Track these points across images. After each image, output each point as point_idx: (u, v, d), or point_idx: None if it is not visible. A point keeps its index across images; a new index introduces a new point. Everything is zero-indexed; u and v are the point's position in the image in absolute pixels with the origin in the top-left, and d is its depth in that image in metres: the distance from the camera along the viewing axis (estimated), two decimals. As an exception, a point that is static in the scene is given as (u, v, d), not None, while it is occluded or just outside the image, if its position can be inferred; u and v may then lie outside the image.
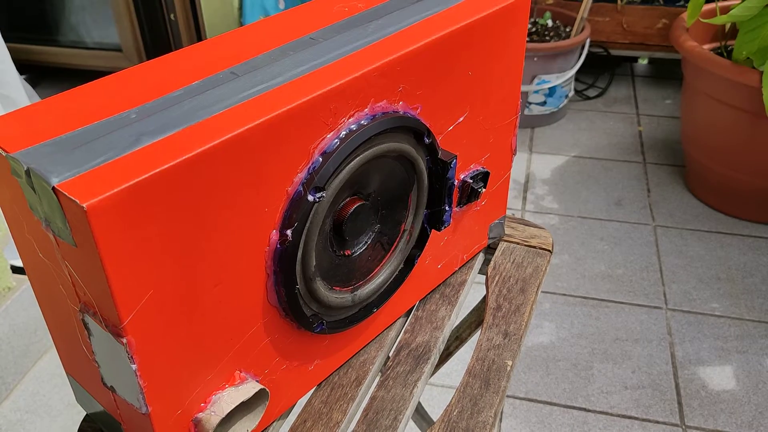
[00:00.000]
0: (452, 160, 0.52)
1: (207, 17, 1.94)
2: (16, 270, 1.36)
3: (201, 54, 0.48)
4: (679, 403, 1.21)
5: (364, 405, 0.56)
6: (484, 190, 0.60)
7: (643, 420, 1.19)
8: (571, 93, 2.08)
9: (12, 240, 1.45)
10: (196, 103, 0.41)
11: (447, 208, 0.55)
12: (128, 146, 0.37)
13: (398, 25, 0.50)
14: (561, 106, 2.03)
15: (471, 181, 0.58)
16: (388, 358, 0.60)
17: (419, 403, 0.93)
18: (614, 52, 2.15)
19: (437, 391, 1.26)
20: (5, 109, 1.54)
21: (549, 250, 0.71)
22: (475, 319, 0.75)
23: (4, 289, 1.27)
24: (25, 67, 2.06)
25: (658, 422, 1.19)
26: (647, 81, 2.27)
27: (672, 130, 1.99)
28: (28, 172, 0.36)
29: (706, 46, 1.64)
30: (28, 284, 1.31)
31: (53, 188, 0.34)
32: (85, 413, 0.54)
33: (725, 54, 1.59)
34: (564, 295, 1.45)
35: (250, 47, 0.49)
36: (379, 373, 0.59)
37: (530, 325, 1.39)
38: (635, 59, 2.33)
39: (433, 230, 0.58)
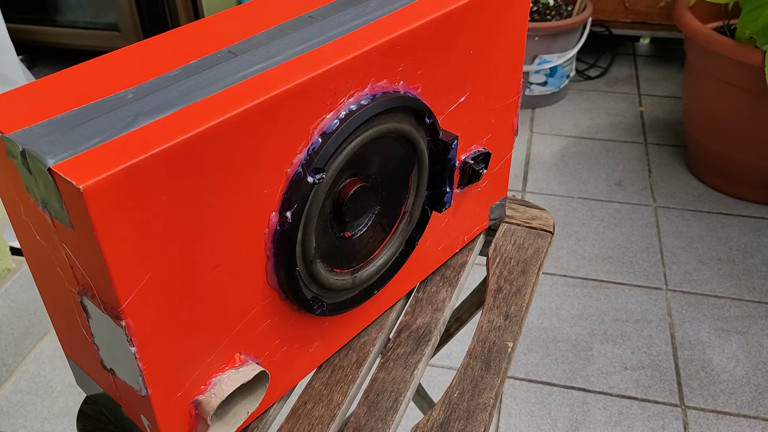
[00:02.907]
0: (453, 141, 0.52)
1: (205, -4, 1.92)
2: (15, 252, 1.36)
3: (198, 33, 0.47)
4: (679, 384, 1.22)
5: (364, 386, 0.56)
6: (485, 171, 0.59)
7: (643, 400, 1.20)
8: (573, 73, 2.06)
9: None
10: (193, 82, 0.41)
11: (448, 189, 0.54)
12: (125, 127, 0.36)
13: (399, 3, 0.49)
14: (562, 86, 2.02)
15: (472, 162, 0.58)
16: (389, 339, 0.60)
17: (419, 384, 0.93)
18: (616, 31, 2.14)
19: (437, 372, 1.26)
20: (1, 89, 1.53)
21: (550, 232, 0.71)
22: (476, 300, 0.75)
23: (3, 271, 1.27)
24: (21, 47, 2.04)
25: (657, 402, 1.19)
26: (649, 61, 2.25)
27: (674, 110, 1.98)
28: (23, 153, 0.36)
29: (709, 25, 1.63)
30: (27, 266, 1.31)
31: (49, 169, 0.34)
32: (85, 395, 0.54)
33: (728, 33, 1.58)
34: (564, 276, 1.45)
35: (248, 26, 0.48)
36: (380, 355, 0.59)
37: (530, 307, 1.39)
38: (637, 38, 2.32)
39: (433, 212, 0.57)
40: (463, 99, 0.54)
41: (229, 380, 0.43)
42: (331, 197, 0.47)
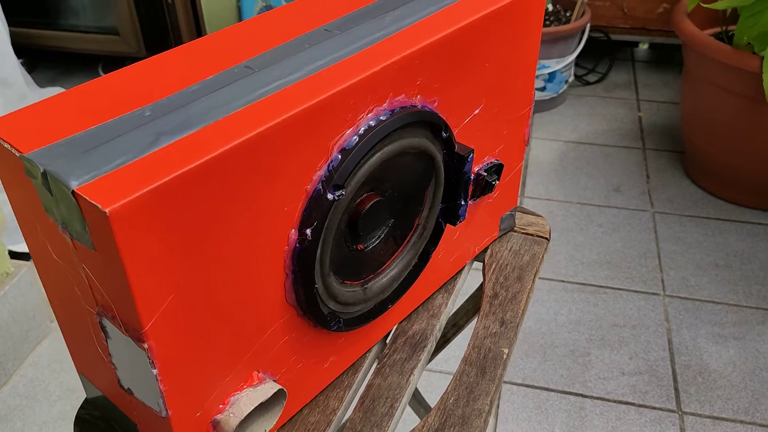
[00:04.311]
0: (469, 154, 0.52)
1: (205, 1, 1.92)
2: (14, 255, 1.35)
3: (213, 47, 0.47)
4: (676, 389, 1.22)
5: (360, 392, 0.57)
6: (497, 182, 0.59)
7: (640, 406, 1.20)
8: (571, 78, 2.07)
9: (10, 226, 1.44)
10: (213, 100, 0.40)
11: (463, 202, 0.54)
12: (147, 147, 0.36)
13: (416, 16, 0.49)
14: (561, 91, 2.02)
15: (485, 173, 0.58)
16: (385, 345, 0.60)
17: (416, 389, 0.93)
18: (615, 36, 2.14)
19: (434, 377, 1.26)
20: (2, 93, 1.51)
21: (546, 238, 0.71)
22: (472, 306, 0.75)
23: (2, 275, 1.26)
24: (20, 50, 2.03)
25: (654, 408, 1.19)
26: (647, 66, 2.26)
27: (672, 116, 1.99)
28: (44, 175, 0.35)
29: (707, 31, 1.64)
30: (26, 270, 1.30)
31: (73, 192, 0.33)
32: (83, 399, 0.54)
33: (726, 39, 1.58)
34: (562, 281, 1.45)
35: (263, 40, 0.47)
36: (376, 361, 0.59)
37: (528, 311, 1.39)
38: (636, 44, 2.32)
39: (447, 224, 0.57)
40: (477, 111, 0.54)
41: (247, 399, 0.43)
42: (347, 212, 0.47)
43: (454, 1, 0.51)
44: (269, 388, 0.44)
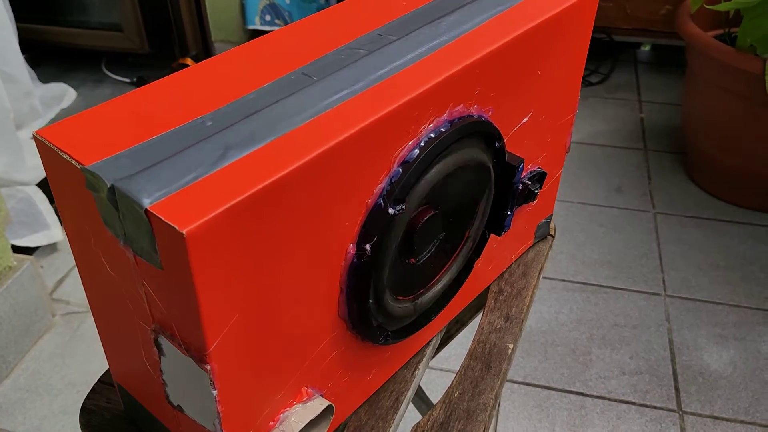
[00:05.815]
0: (520, 164, 0.51)
1: (209, -3, 1.90)
2: (17, 249, 1.34)
3: (261, 52, 0.46)
4: (677, 389, 1.23)
5: None
6: (539, 190, 0.59)
7: (641, 405, 1.21)
8: (572, 76, 2.06)
9: (12, 219, 1.42)
10: (277, 111, 0.39)
11: (509, 212, 0.53)
12: (216, 161, 0.35)
13: (472, 23, 0.48)
14: (561, 89, 2.02)
15: (529, 182, 0.57)
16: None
17: (419, 386, 0.93)
18: (617, 38, 2.14)
19: (436, 374, 1.27)
20: (7, 88, 1.49)
21: (551, 235, 0.71)
22: (476, 303, 0.75)
23: (5, 269, 1.25)
24: (24, 46, 2.00)
25: (655, 407, 1.21)
26: (650, 67, 2.26)
27: (674, 117, 1.99)
28: (112, 190, 0.34)
29: (710, 33, 1.64)
30: (28, 263, 1.28)
31: (146, 211, 0.32)
32: (84, 392, 0.53)
33: (729, 41, 1.59)
34: (563, 280, 1.46)
35: (313, 44, 0.46)
36: None
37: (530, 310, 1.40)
38: (638, 45, 2.32)
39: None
40: (526, 120, 0.53)
41: (297, 416, 0.42)
42: (404, 226, 0.45)
43: (508, 7, 0.50)
44: (318, 404, 0.43)
